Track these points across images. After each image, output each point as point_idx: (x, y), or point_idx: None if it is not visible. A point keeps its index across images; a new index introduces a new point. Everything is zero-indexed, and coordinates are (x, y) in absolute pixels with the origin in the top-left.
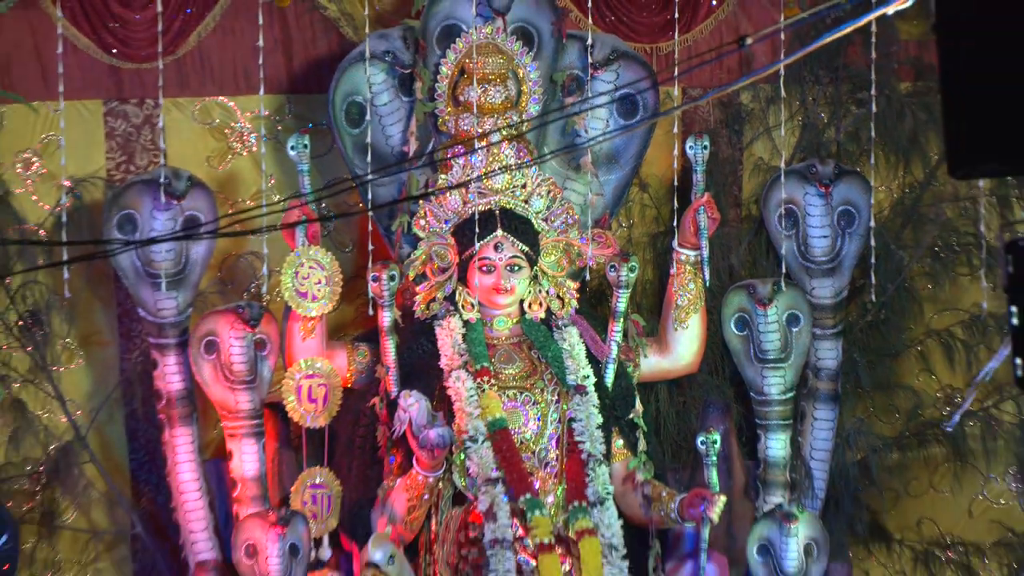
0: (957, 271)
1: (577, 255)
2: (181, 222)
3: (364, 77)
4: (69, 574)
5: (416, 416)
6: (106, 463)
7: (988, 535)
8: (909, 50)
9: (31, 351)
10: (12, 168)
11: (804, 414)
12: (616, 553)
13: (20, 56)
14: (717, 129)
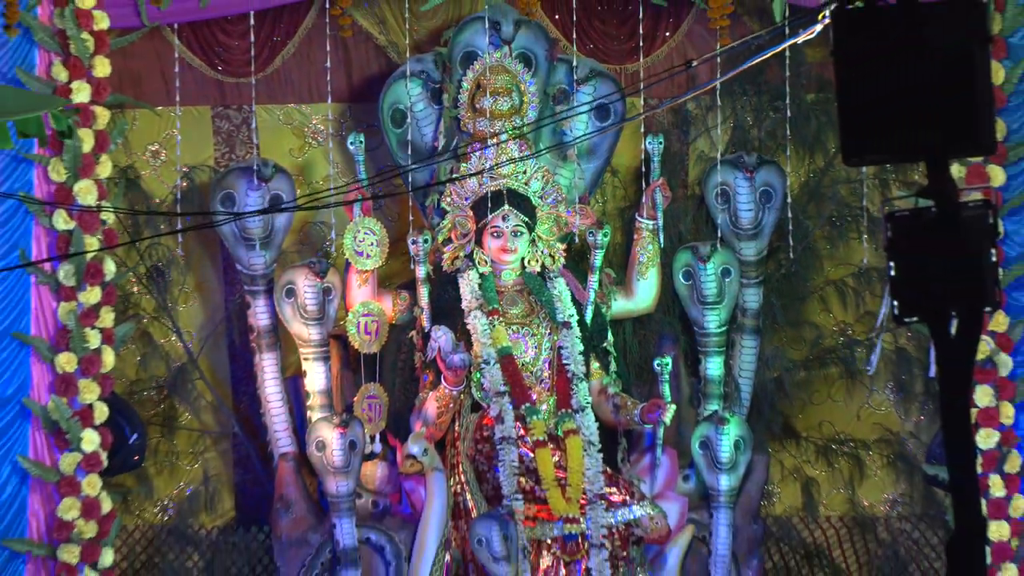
0: (848, 235)
1: (564, 224)
2: (268, 199)
3: (405, 90)
4: (184, 462)
5: (444, 345)
6: (212, 379)
7: (871, 434)
8: (813, 69)
9: (156, 295)
10: (142, 157)
11: (734, 343)
12: (593, 447)
13: (147, 73)
14: (669, 129)
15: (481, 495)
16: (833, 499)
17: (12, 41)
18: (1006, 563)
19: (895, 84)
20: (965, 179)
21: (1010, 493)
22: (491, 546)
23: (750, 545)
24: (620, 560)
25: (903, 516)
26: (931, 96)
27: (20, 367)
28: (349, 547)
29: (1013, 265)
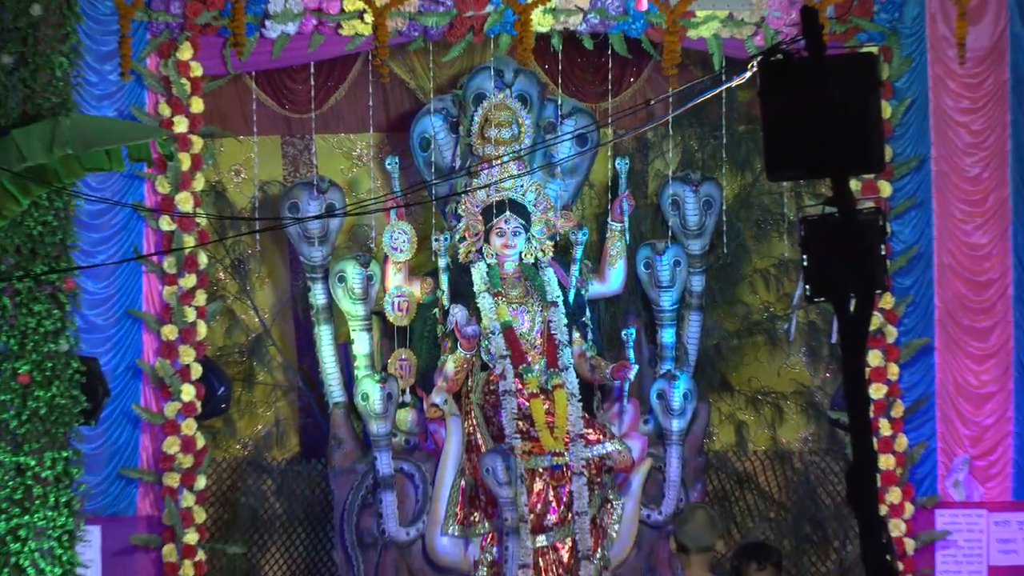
0: (771, 234)
1: (552, 226)
2: (324, 207)
3: (430, 123)
4: (260, 409)
5: (460, 319)
6: (281, 345)
7: (789, 387)
8: (744, 107)
9: (238, 280)
10: (227, 175)
11: (683, 317)
12: (575, 398)
13: (231, 110)
14: (633, 153)
15: (488, 435)
16: (759, 438)
17: (127, 85)
18: (892, 487)
19: (807, 119)
20: (861, 191)
21: (895, 432)
22: (496, 474)
23: (695, 473)
24: (595, 484)
25: (812, 451)
26: (835, 127)
27: (134, 337)
28: (387, 475)
29: (897, 257)
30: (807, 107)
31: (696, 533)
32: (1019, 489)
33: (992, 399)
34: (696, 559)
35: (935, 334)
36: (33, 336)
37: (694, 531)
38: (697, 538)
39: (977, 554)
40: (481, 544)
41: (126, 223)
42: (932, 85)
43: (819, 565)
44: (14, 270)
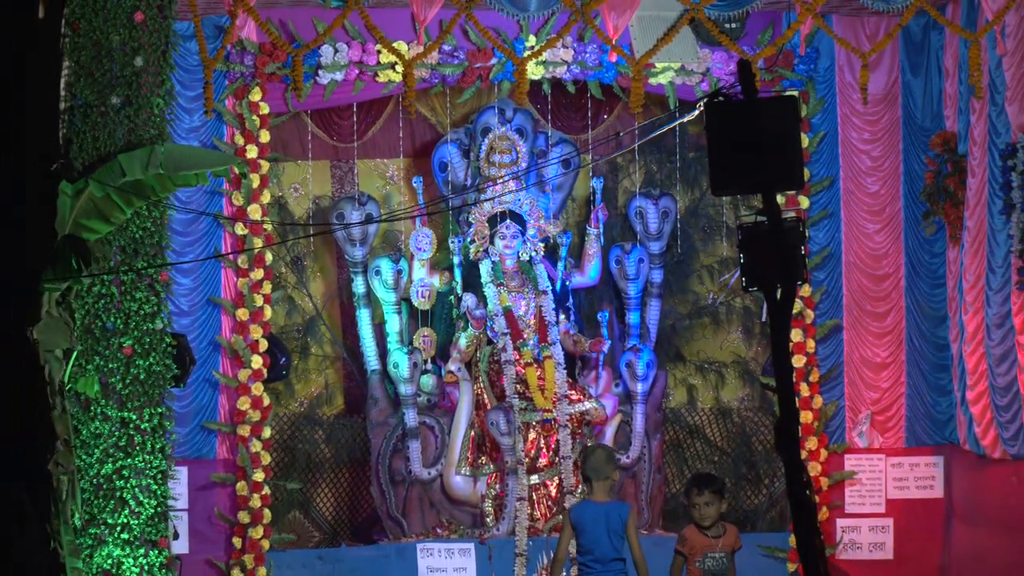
0: (715, 238)
1: (543, 231)
2: (364, 216)
3: (447, 150)
4: (313, 375)
5: (470, 304)
6: (330, 324)
7: (729, 358)
8: (694, 138)
9: (296, 274)
10: (288, 191)
11: (646, 303)
12: (560, 367)
13: (291, 140)
14: (607, 174)
15: (493, 395)
16: (706, 398)
17: (210, 121)
18: (810, 436)
19: (744, 147)
20: (785, 204)
21: (812, 394)
22: (499, 426)
23: (655, 426)
24: (576, 435)
25: (748, 408)
26: (765, 154)
27: (214, 318)
28: (413, 427)
29: (814, 256)
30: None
31: (596, 466)
32: (910, 438)
33: (888, 368)
34: (597, 486)
35: (843, 316)
36: (135, 317)
37: (595, 464)
38: (597, 470)
39: (877, 490)
40: (487, 481)
41: (208, 229)
42: (840, 121)
43: (752, 498)
44: (120, 265)
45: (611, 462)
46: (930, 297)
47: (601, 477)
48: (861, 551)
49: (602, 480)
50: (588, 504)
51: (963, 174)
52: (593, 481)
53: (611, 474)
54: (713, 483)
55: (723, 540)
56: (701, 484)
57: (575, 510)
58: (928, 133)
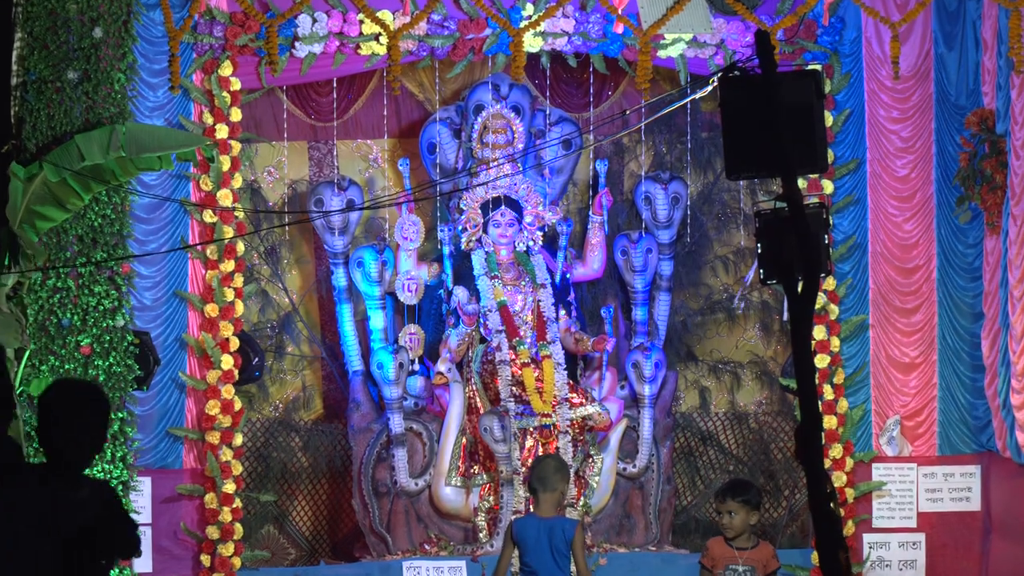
0: (730, 226)
1: (542, 219)
2: (344, 202)
3: (436, 130)
4: (289, 376)
5: (462, 298)
6: (308, 321)
7: (745, 358)
8: (706, 116)
9: (270, 265)
10: (261, 175)
11: (654, 297)
12: (561, 367)
13: (265, 119)
14: (611, 156)
15: (486, 398)
16: (720, 401)
17: (176, 98)
18: (834, 443)
19: (761, 126)
20: (807, 188)
21: (837, 397)
22: (493, 432)
23: (665, 432)
24: (578, 442)
25: (766, 412)
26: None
27: (180, 314)
28: (398, 433)
29: (838, 246)
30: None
31: (543, 475)
32: (943, 446)
33: (918, 368)
34: (543, 498)
35: (870, 312)
36: (94, 313)
37: (541, 473)
38: (543, 479)
39: (908, 502)
40: (480, 493)
41: (174, 216)
42: (868, 98)
43: (772, 511)
44: (78, 256)
45: (560, 472)
46: (965, 291)
47: (548, 488)
48: (891, 569)
49: (549, 492)
50: (531, 519)
51: (1001, 156)
52: (539, 492)
53: (559, 486)
54: (741, 492)
55: (749, 554)
56: (727, 492)
57: (517, 524)
58: (963, 111)
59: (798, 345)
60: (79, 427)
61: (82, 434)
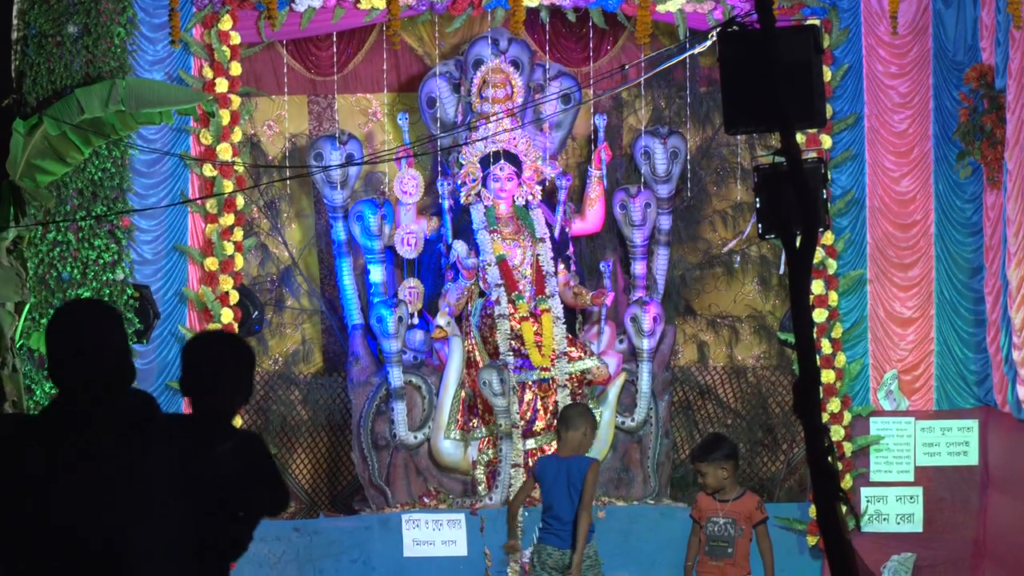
0: (728, 180)
1: (541, 173)
2: (344, 156)
3: (436, 84)
4: (289, 330)
5: (461, 252)
6: (307, 275)
7: (744, 312)
8: (705, 71)
9: (270, 219)
10: (261, 128)
11: (653, 252)
12: (559, 321)
13: (265, 73)
14: (610, 110)
15: (485, 352)
16: (718, 355)
17: (176, 52)
18: (832, 398)
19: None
20: (805, 143)
21: (835, 351)
22: (492, 386)
23: (663, 386)
24: (577, 395)
25: (764, 367)
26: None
27: (180, 268)
28: (397, 386)
29: (836, 201)
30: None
31: (567, 415)
32: (940, 400)
33: (916, 323)
34: (565, 437)
35: (868, 267)
36: (93, 267)
37: (566, 414)
38: (567, 419)
39: (906, 456)
40: (479, 447)
41: (174, 170)
42: (866, 53)
43: (770, 465)
44: (77, 210)
45: (584, 417)
46: (963, 246)
47: (570, 428)
48: (888, 523)
49: (571, 431)
50: (552, 457)
51: (1001, 111)
52: (562, 432)
53: (581, 426)
54: (706, 452)
55: (731, 506)
56: (694, 456)
57: (539, 462)
58: (961, 67)
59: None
60: (219, 378)
61: (223, 385)
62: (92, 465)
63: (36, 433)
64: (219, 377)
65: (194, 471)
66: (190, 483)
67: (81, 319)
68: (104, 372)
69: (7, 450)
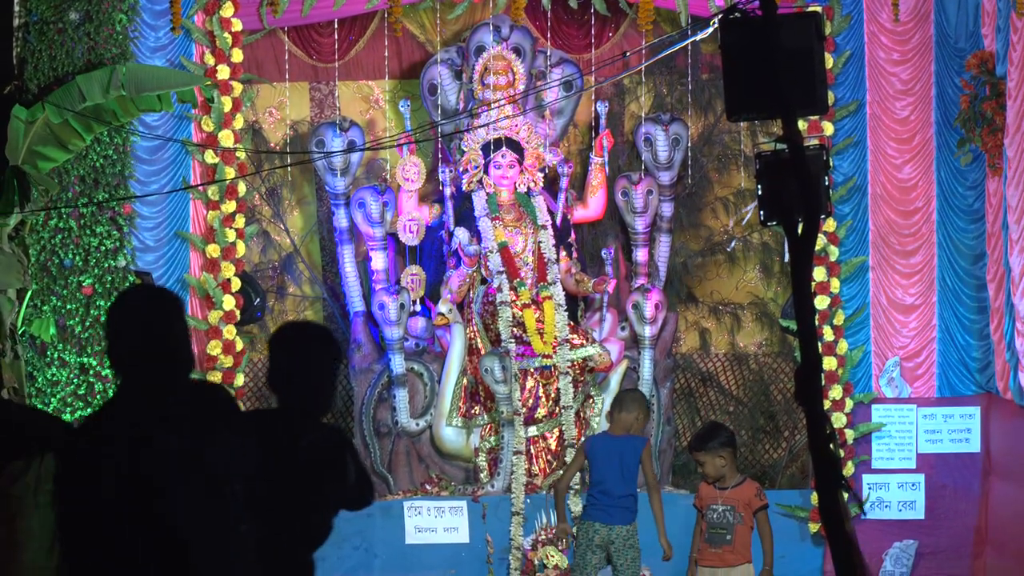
0: (730, 167)
1: (542, 160)
2: (346, 143)
3: (437, 71)
4: (291, 316)
5: (463, 240)
6: (309, 262)
7: (745, 299)
8: (707, 58)
9: (272, 206)
10: (263, 115)
11: (654, 239)
12: (561, 308)
13: (266, 60)
14: (612, 97)
15: (487, 339)
16: (720, 342)
17: (178, 39)
18: (834, 385)
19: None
20: (807, 130)
21: (836, 338)
22: (494, 373)
23: (665, 373)
24: (579, 382)
25: (766, 354)
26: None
27: (182, 255)
28: (399, 374)
29: (838, 187)
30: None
31: (621, 398)
32: (943, 387)
33: (918, 310)
34: (618, 418)
35: (870, 254)
36: (95, 253)
37: (621, 397)
38: (621, 401)
39: (908, 443)
40: (481, 434)
41: (176, 157)
42: (868, 40)
43: (771, 452)
44: (79, 196)
45: (638, 402)
46: (964, 233)
47: (623, 410)
48: (890, 510)
49: (624, 412)
50: (604, 436)
51: (1002, 98)
52: (614, 413)
53: (635, 411)
54: (702, 443)
55: (730, 493)
56: (690, 447)
57: (591, 440)
58: (963, 53)
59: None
60: (306, 370)
61: (310, 377)
62: (156, 453)
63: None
64: (303, 371)
65: (277, 462)
66: (272, 473)
67: (146, 305)
68: (171, 358)
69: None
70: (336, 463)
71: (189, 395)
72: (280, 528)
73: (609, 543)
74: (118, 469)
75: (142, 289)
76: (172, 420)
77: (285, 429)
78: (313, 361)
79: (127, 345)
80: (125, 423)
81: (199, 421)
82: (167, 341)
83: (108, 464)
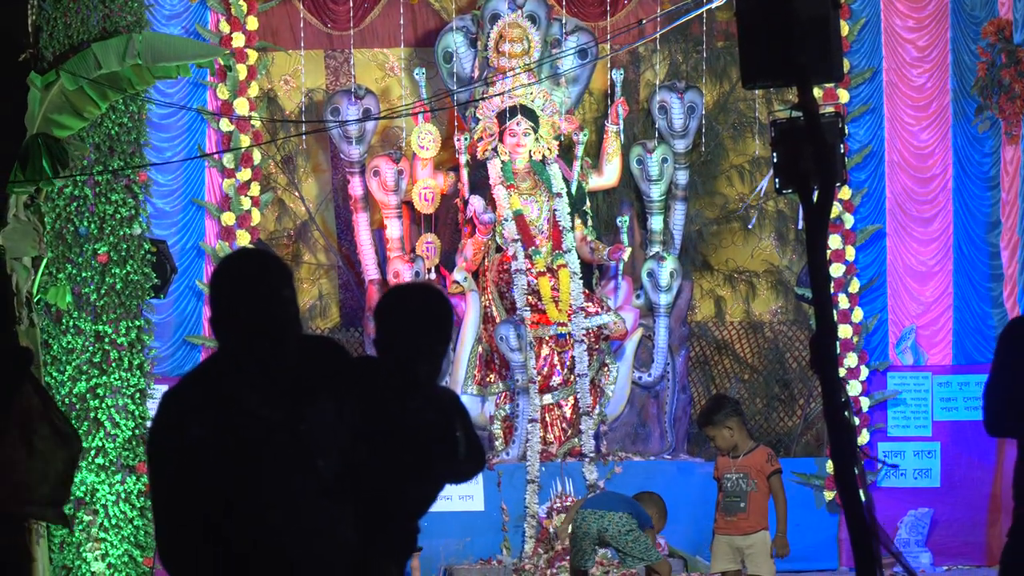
0: (745, 135)
1: (557, 128)
2: (361, 112)
3: (453, 39)
4: (306, 285)
5: (478, 208)
6: (324, 230)
7: (761, 267)
8: (722, 25)
9: (287, 174)
10: (278, 83)
11: (669, 207)
12: (576, 276)
13: (281, 29)
14: (627, 65)
15: (502, 307)
16: (735, 310)
17: (193, 6)
18: (849, 352)
19: (777, 35)
20: (822, 98)
21: (852, 306)
22: (509, 341)
23: (680, 341)
24: (594, 350)
25: (781, 321)
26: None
27: (197, 222)
28: None
29: (854, 155)
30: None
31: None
32: (958, 355)
33: (934, 277)
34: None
35: (886, 221)
36: (111, 221)
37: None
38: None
39: (923, 411)
40: (496, 402)
41: (191, 124)
42: (883, 7)
43: (786, 420)
44: (95, 164)
45: (656, 504)
46: (981, 200)
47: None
48: (905, 478)
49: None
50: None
51: (1019, 65)
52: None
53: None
54: (708, 417)
55: (742, 461)
56: (698, 422)
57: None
58: (979, 21)
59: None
60: (412, 333)
61: (414, 339)
62: (246, 425)
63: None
64: (410, 334)
65: (384, 426)
66: (379, 437)
67: (253, 268)
68: (277, 320)
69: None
70: (446, 437)
71: (293, 359)
72: (378, 501)
73: (603, 531)
74: (205, 440)
75: (244, 252)
76: (267, 390)
77: (393, 391)
78: (417, 323)
79: (231, 311)
80: (217, 392)
81: (297, 389)
82: (272, 308)
83: (196, 433)
